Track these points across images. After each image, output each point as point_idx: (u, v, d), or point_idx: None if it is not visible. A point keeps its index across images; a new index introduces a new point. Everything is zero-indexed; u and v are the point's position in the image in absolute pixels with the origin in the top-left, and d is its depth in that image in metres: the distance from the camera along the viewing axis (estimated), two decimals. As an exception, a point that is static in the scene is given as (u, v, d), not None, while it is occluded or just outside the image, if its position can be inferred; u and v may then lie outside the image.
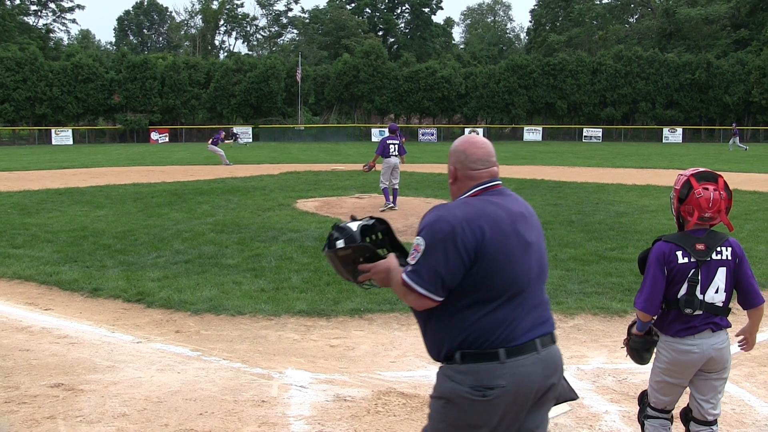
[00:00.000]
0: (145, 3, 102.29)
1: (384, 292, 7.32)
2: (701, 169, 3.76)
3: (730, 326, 3.76)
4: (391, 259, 2.93)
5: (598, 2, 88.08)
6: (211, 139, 31.24)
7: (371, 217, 3.17)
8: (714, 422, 3.81)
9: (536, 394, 2.77)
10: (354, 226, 3.06)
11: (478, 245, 2.67)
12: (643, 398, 4.04)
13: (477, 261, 2.67)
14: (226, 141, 30.99)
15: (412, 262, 2.72)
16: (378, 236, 3.15)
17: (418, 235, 2.75)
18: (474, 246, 2.67)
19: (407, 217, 13.70)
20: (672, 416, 3.95)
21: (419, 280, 2.69)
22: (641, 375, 5.53)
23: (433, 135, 63.61)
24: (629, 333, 3.96)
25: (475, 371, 2.69)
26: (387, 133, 16.06)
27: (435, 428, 2.82)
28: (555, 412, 4.78)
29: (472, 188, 2.90)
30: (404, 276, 2.73)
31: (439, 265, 2.66)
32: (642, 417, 4.00)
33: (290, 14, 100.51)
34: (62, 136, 57.70)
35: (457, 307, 2.73)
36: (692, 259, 3.64)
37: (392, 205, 15.31)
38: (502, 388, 2.67)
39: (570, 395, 3.00)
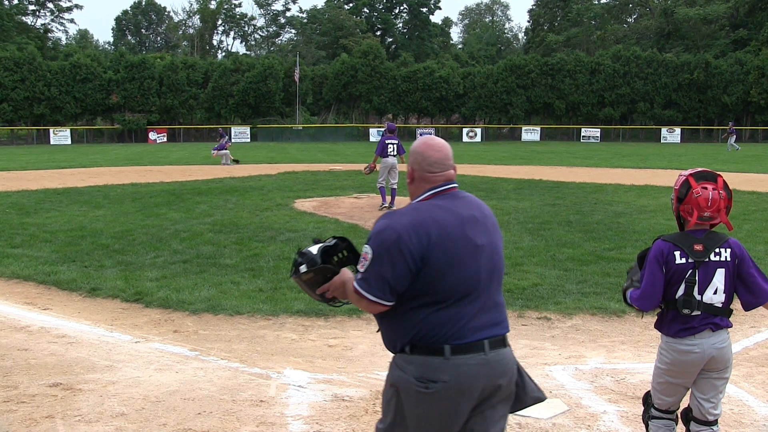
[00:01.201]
0: (143, 3, 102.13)
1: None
2: (700, 169, 3.76)
3: (731, 326, 3.75)
4: (344, 273, 3.05)
5: (597, 2, 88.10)
6: (216, 146, 31.52)
7: (334, 237, 3.26)
8: (715, 422, 3.80)
9: (481, 393, 2.82)
10: (314, 249, 3.16)
11: (425, 251, 2.74)
12: (647, 399, 4.03)
13: (424, 266, 2.75)
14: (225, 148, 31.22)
15: (361, 270, 2.82)
16: (343, 254, 3.24)
17: (366, 244, 2.83)
18: (420, 252, 2.74)
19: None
20: (677, 417, 3.94)
21: (368, 287, 2.78)
22: (639, 375, 5.55)
23: (431, 135, 63.50)
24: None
25: (421, 363, 2.78)
26: (386, 132, 16.05)
27: (384, 417, 2.92)
28: (553, 411, 4.79)
29: (427, 191, 2.96)
30: (355, 284, 2.84)
31: (386, 272, 2.75)
32: (646, 418, 4.00)
33: (288, 14, 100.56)
34: (60, 136, 57.65)
35: (408, 308, 2.81)
36: (690, 260, 3.63)
37: (388, 204, 15.31)
38: (444, 383, 2.75)
39: (537, 395, 3.04)
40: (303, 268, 3.12)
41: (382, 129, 27.62)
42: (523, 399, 3.00)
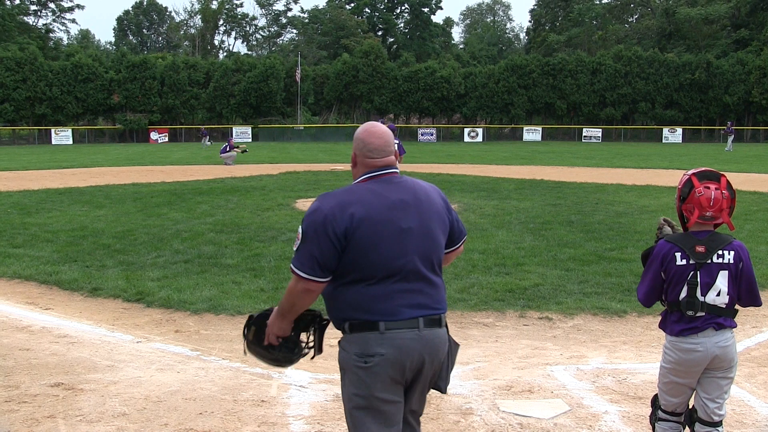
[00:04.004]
0: (145, 3, 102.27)
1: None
2: (704, 168, 3.74)
3: (735, 326, 3.73)
4: (273, 310, 3.25)
5: (598, 2, 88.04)
6: (222, 149, 31.40)
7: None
8: (720, 423, 3.76)
9: (416, 366, 3.00)
10: (255, 315, 3.38)
11: (347, 230, 2.94)
12: (655, 401, 4.02)
13: (348, 244, 2.95)
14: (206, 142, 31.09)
15: (294, 249, 3.04)
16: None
17: (300, 224, 3.05)
18: (343, 231, 2.94)
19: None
20: (684, 419, 3.91)
21: (300, 265, 2.99)
22: (641, 375, 5.54)
23: (432, 135, 63.63)
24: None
25: (359, 340, 2.99)
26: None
27: (344, 403, 3.08)
28: (554, 411, 4.79)
29: (363, 175, 3.16)
30: (291, 264, 3.03)
31: (314, 251, 2.96)
32: (653, 420, 3.98)
33: (289, 14, 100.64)
34: (62, 136, 57.71)
35: (339, 284, 3.03)
36: (690, 261, 3.61)
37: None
38: (381, 356, 2.93)
39: (441, 384, 3.18)
40: (245, 332, 3.31)
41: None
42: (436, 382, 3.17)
